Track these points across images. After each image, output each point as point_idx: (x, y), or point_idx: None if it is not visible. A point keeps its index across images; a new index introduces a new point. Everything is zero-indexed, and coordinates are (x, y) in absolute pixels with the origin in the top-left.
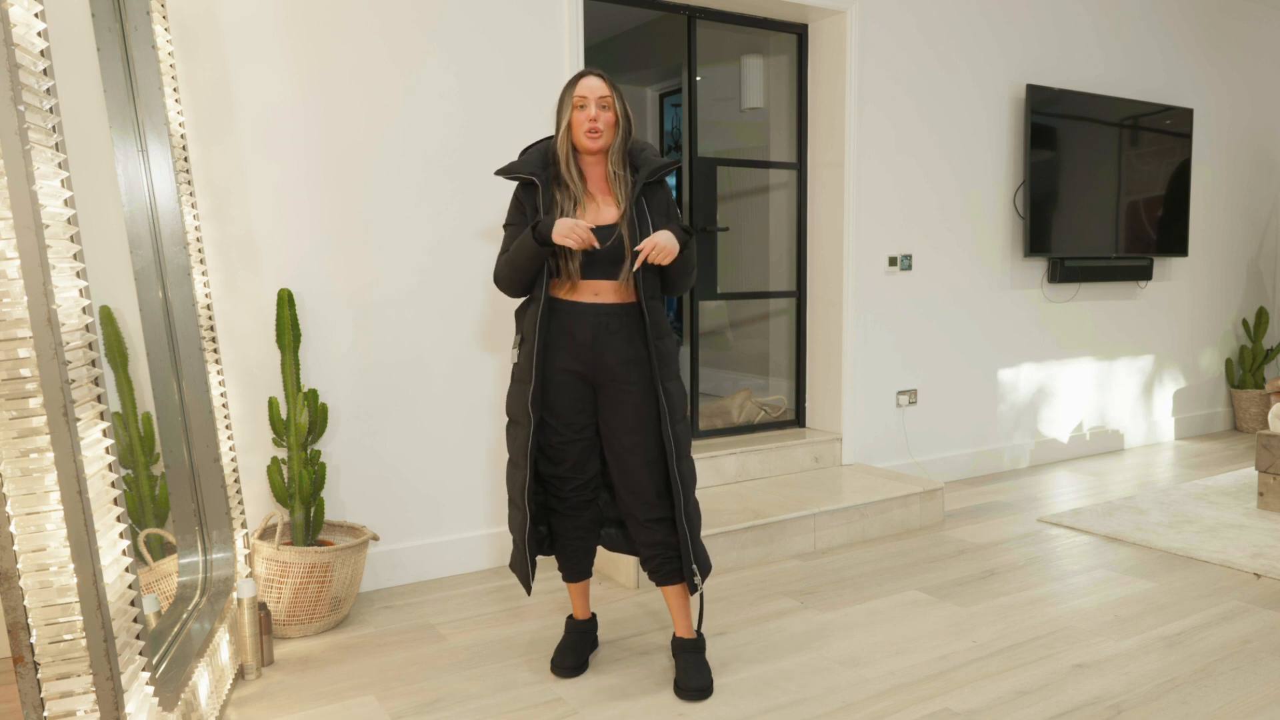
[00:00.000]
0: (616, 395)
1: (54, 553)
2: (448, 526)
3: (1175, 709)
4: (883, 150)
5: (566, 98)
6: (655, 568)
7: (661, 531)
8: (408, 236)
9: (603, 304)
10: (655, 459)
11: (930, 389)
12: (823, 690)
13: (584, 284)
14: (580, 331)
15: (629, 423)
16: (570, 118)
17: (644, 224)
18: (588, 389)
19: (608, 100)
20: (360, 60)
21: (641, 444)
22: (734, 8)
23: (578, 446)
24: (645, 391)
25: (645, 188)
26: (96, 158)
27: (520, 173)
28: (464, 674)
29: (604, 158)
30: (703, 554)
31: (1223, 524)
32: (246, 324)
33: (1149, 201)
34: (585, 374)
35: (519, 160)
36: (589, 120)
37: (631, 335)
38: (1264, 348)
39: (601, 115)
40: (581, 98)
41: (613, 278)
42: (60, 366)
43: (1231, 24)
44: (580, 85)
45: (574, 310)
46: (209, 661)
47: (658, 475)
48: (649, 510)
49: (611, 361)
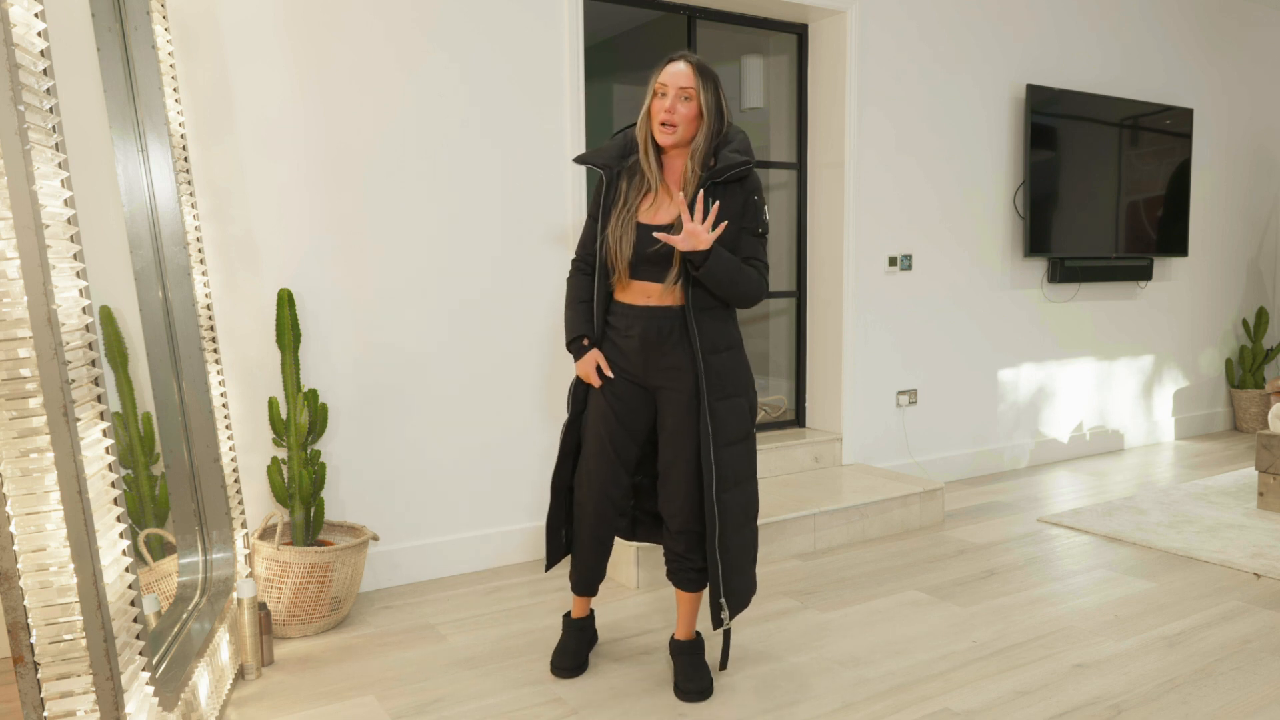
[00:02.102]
0: (663, 403)
1: (54, 553)
2: (448, 526)
3: (1175, 709)
4: (883, 150)
5: (651, 82)
6: (672, 571)
7: (684, 545)
8: (408, 236)
9: (654, 306)
10: (691, 475)
11: (930, 389)
12: (823, 690)
13: (635, 284)
14: (630, 334)
15: (670, 434)
16: (650, 105)
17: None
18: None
19: (690, 91)
20: (360, 60)
21: (681, 456)
22: (734, 8)
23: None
24: (688, 406)
25: (721, 187)
26: (96, 158)
27: (594, 161)
28: (464, 674)
29: (685, 150)
30: (741, 588)
31: (1223, 524)
32: (246, 324)
33: (1149, 201)
34: (636, 377)
35: (602, 146)
36: (665, 112)
37: (681, 341)
38: (1264, 348)
39: (680, 108)
40: (663, 84)
41: (661, 280)
42: (60, 366)
43: (1231, 24)
44: (665, 71)
45: (626, 312)
46: (209, 661)
47: (693, 492)
48: (678, 522)
49: (660, 368)
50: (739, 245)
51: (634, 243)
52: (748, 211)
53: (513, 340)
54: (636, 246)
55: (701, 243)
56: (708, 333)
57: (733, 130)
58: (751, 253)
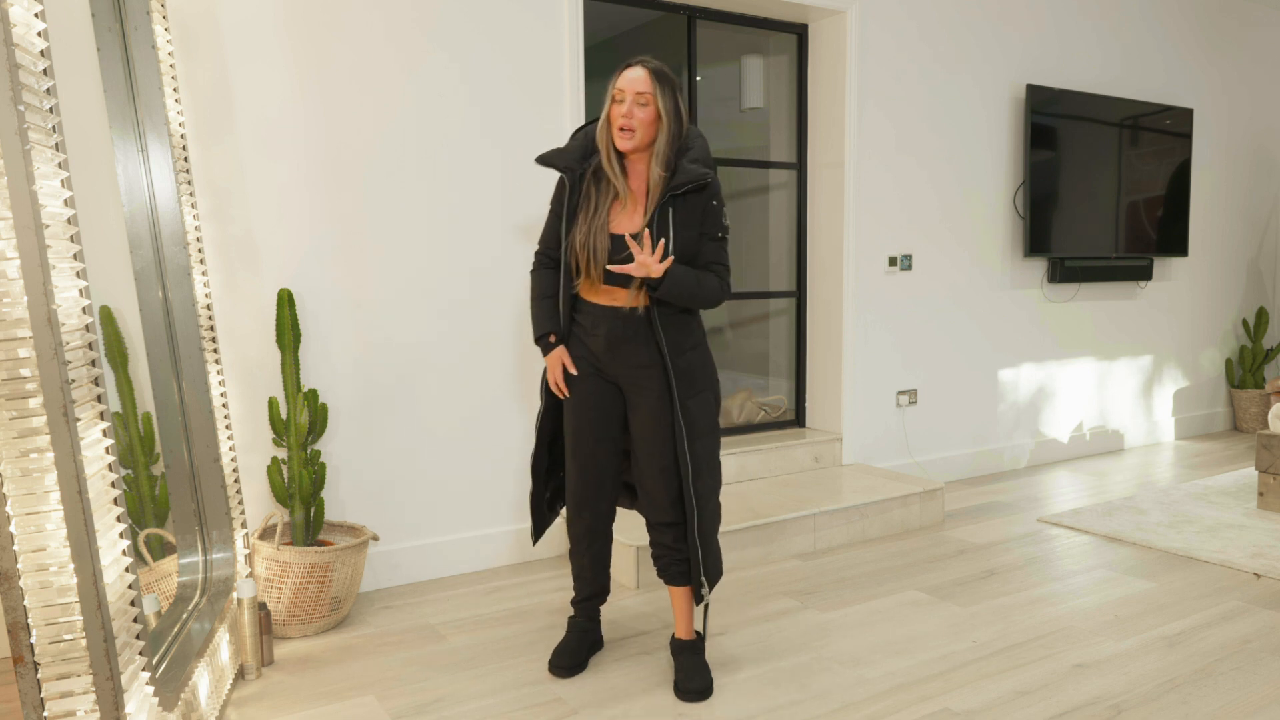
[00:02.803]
0: (633, 400)
1: (54, 553)
2: (448, 526)
3: (1175, 709)
4: (883, 150)
5: (609, 88)
6: (663, 567)
7: (670, 536)
8: (408, 236)
9: (618, 308)
10: (669, 468)
11: (930, 389)
12: (823, 690)
13: (603, 287)
14: (597, 333)
15: (645, 432)
16: (608, 111)
17: (664, 238)
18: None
19: (647, 96)
20: (360, 60)
21: (657, 452)
22: (734, 8)
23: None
24: (661, 402)
25: (681, 196)
26: (96, 158)
27: (556, 164)
28: (464, 674)
29: (647, 154)
30: (714, 562)
31: (1223, 524)
32: (246, 324)
33: (1149, 201)
34: (604, 371)
35: (563, 147)
36: (623, 117)
37: (647, 341)
38: (1264, 348)
39: (638, 112)
40: (620, 90)
41: (627, 284)
42: (60, 366)
43: (1231, 24)
44: (622, 77)
45: (593, 311)
46: (209, 661)
47: (671, 485)
48: (660, 514)
49: (627, 366)
50: (701, 251)
51: (608, 250)
52: (708, 218)
53: (513, 340)
54: (611, 254)
55: (654, 272)
56: (673, 336)
57: (692, 135)
58: (713, 258)
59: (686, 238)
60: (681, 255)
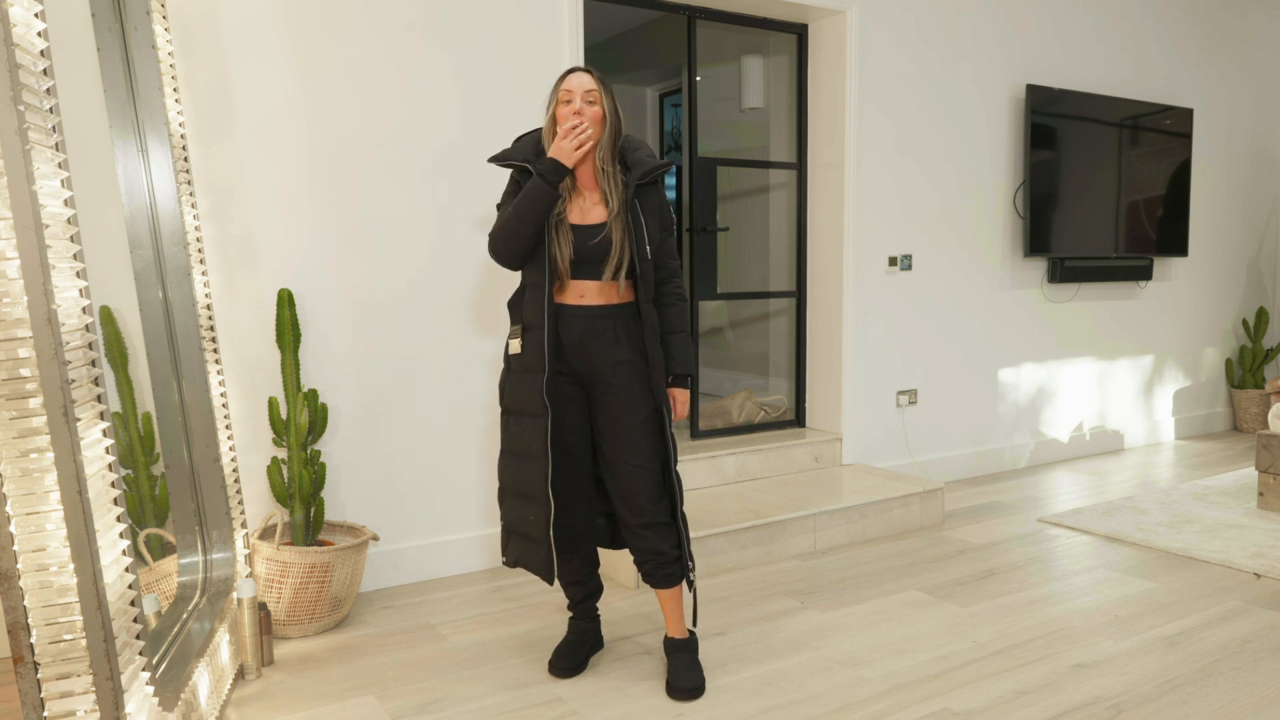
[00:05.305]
0: (606, 398)
1: (54, 553)
2: (448, 526)
3: (1175, 709)
4: (883, 150)
5: (554, 93)
6: (649, 572)
7: (653, 537)
8: (408, 236)
9: (588, 305)
10: (647, 463)
11: (930, 389)
12: (823, 690)
13: (571, 284)
14: (567, 333)
15: (618, 426)
16: (555, 112)
17: (638, 226)
18: (579, 393)
19: (594, 95)
20: (360, 60)
21: (632, 448)
22: (734, 8)
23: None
24: (637, 395)
25: (638, 188)
26: (96, 158)
27: (514, 159)
28: (464, 674)
29: (591, 154)
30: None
31: (1223, 524)
32: (246, 324)
33: (1149, 201)
34: (575, 376)
35: (512, 148)
36: (574, 114)
37: (619, 337)
38: (1264, 348)
39: (587, 110)
40: (568, 91)
41: (598, 277)
42: (60, 366)
43: (1231, 24)
44: (568, 79)
45: (561, 311)
46: (209, 661)
47: (650, 480)
48: (639, 516)
49: (599, 364)
50: (662, 247)
51: (572, 243)
52: (663, 211)
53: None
54: (576, 246)
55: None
56: (659, 324)
57: (631, 137)
58: (671, 254)
59: (651, 227)
60: (651, 245)
